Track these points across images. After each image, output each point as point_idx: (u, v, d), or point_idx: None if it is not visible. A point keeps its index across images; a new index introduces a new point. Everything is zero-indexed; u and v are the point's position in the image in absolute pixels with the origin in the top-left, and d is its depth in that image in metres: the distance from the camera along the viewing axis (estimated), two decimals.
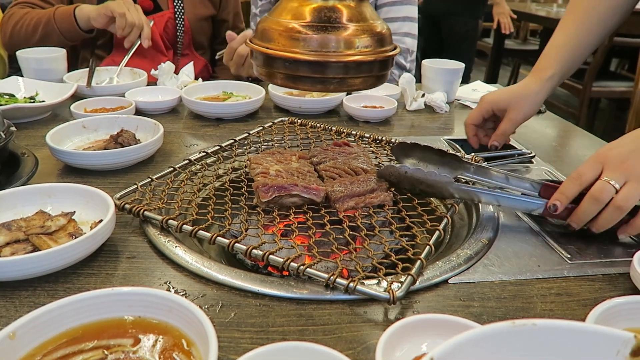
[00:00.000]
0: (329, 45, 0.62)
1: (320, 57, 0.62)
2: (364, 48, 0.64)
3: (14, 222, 0.66)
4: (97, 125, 1.02)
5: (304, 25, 0.62)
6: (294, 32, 0.62)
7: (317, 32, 0.62)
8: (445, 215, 0.73)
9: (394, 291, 0.55)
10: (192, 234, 0.66)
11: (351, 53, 0.63)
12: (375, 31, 0.65)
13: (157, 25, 1.60)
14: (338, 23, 0.63)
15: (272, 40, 0.64)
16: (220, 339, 0.50)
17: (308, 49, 0.62)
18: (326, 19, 0.62)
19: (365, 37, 0.64)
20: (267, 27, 0.65)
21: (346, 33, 0.63)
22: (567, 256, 0.68)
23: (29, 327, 0.44)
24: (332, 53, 0.62)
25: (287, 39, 0.63)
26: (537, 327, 0.36)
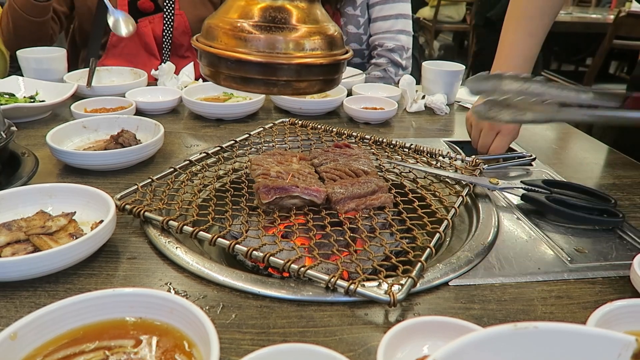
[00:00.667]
0: (275, 46, 0.59)
1: (265, 59, 0.59)
2: (312, 50, 0.61)
3: (15, 222, 0.66)
4: (98, 125, 1.02)
5: (251, 25, 0.60)
6: (240, 31, 0.60)
7: (263, 32, 0.59)
8: (446, 217, 0.73)
9: (394, 293, 0.55)
10: (192, 235, 0.66)
11: (299, 55, 0.60)
12: (326, 34, 0.62)
13: (158, 26, 1.60)
14: (287, 24, 0.60)
15: (216, 38, 0.62)
16: (221, 340, 0.50)
17: (253, 49, 0.59)
18: (273, 19, 0.60)
19: (315, 39, 0.61)
20: (212, 25, 0.63)
21: (295, 34, 0.60)
22: (568, 259, 0.68)
23: (30, 328, 0.44)
24: (279, 54, 0.60)
25: (232, 38, 0.60)
26: (538, 330, 0.36)
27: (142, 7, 1.58)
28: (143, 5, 1.57)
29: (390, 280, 0.58)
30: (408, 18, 1.69)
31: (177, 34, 1.63)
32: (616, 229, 0.77)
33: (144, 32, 1.59)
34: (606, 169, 1.01)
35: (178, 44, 1.65)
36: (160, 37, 1.62)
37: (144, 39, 1.59)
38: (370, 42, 1.77)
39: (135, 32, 1.51)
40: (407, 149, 1.01)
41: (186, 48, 1.67)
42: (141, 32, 1.58)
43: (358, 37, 1.77)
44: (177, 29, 1.63)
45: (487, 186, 0.84)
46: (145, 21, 1.59)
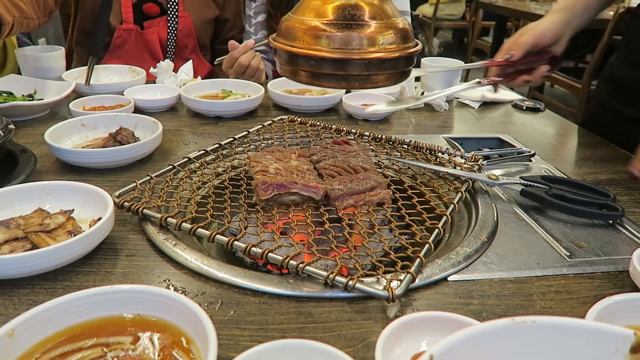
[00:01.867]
0: (352, 42, 0.63)
1: (344, 55, 0.63)
2: (387, 45, 0.64)
3: (13, 220, 0.66)
4: (96, 123, 1.02)
5: (327, 24, 0.63)
6: (318, 30, 0.63)
7: (340, 30, 0.63)
8: (445, 213, 0.73)
9: (393, 289, 0.55)
10: (191, 232, 0.66)
11: (374, 50, 0.64)
12: (398, 27, 0.66)
13: (162, 30, 1.59)
14: (361, 20, 0.63)
15: (296, 38, 0.65)
16: (220, 336, 0.50)
17: (332, 46, 0.63)
18: (349, 17, 0.63)
19: (388, 34, 0.64)
20: (290, 26, 0.66)
21: (369, 30, 0.63)
22: (567, 254, 0.68)
23: (28, 325, 0.44)
24: (356, 50, 0.63)
25: (311, 37, 0.64)
26: (536, 324, 0.36)
27: (147, 11, 1.57)
28: (149, 9, 1.57)
29: (389, 276, 0.58)
30: (407, 15, 1.68)
31: (182, 36, 1.62)
32: (615, 223, 0.77)
33: (150, 39, 1.57)
34: (605, 165, 1.00)
35: (182, 45, 1.64)
36: (165, 41, 1.61)
37: (149, 44, 1.58)
38: None
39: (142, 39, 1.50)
40: (406, 145, 1.00)
41: (190, 50, 1.66)
42: (147, 38, 1.57)
43: None
44: (182, 32, 1.61)
45: (487, 182, 0.84)
46: (152, 27, 1.57)
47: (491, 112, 1.35)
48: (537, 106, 1.36)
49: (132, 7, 1.55)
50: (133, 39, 1.57)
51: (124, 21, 1.55)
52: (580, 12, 0.99)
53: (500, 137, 1.14)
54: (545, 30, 0.93)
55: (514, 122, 1.27)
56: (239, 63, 1.39)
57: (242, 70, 1.40)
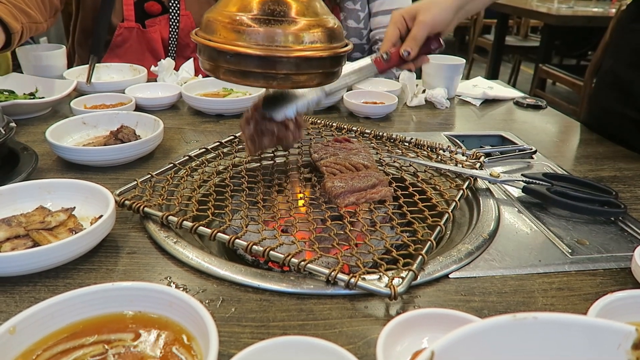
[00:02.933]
0: (274, 39, 0.59)
1: (264, 52, 0.59)
2: (312, 43, 0.61)
3: (14, 218, 0.66)
4: (97, 121, 1.02)
5: (250, 18, 0.59)
6: (239, 24, 0.59)
7: (262, 25, 0.59)
8: (447, 210, 0.73)
9: (395, 287, 0.55)
10: (192, 230, 0.66)
11: (299, 48, 0.60)
12: (326, 26, 0.62)
13: (164, 28, 1.59)
14: (286, 17, 0.59)
15: (215, 32, 0.61)
16: (221, 333, 0.50)
17: (252, 42, 0.59)
18: (272, 12, 0.59)
19: (315, 32, 0.61)
20: (211, 19, 0.62)
21: (294, 27, 0.59)
22: (569, 251, 0.68)
23: (30, 322, 0.44)
24: (278, 47, 0.59)
25: (232, 31, 0.60)
26: (538, 320, 0.36)
27: (149, 9, 1.57)
28: (150, 7, 1.56)
29: (391, 274, 0.58)
30: None
31: (183, 35, 1.62)
32: (617, 220, 0.76)
33: (152, 38, 1.57)
34: (607, 162, 1.00)
35: (184, 44, 1.64)
36: (166, 39, 1.60)
37: (151, 43, 1.58)
38: (371, 36, 1.77)
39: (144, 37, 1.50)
40: (407, 143, 1.00)
41: (192, 49, 1.65)
42: (149, 37, 1.57)
43: (358, 32, 1.76)
44: (184, 30, 1.61)
45: (488, 179, 0.84)
46: (154, 25, 1.57)
47: (492, 109, 1.35)
48: (539, 103, 1.36)
49: (134, 5, 1.54)
50: (134, 37, 1.57)
51: (125, 19, 1.55)
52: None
53: (502, 134, 1.14)
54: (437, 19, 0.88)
55: (516, 120, 1.27)
56: None
57: None
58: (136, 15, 1.55)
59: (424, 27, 0.86)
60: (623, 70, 1.10)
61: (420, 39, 0.86)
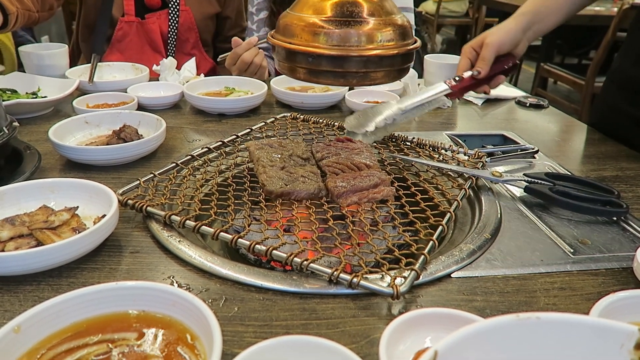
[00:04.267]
0: (350, 39, 0.63)
1: (342, 52, 0.63)
2: (385, 42, 0.64)
3: (18, 217, 0.67)
4: (100, 120, 1.02)
5: (326, 20, 0.63)
6: (316, 27, 0.63)
7: (338, 27, 0.62)
8: (449, 210, 0.73)
9: (397, 286, 0.55)
10: (195, 230, 0.66)
11: (373, 47, 0.63)
12: (397, 24, 0.65)
13: (164, 22, 1.59)
14: (359, 17, 0.63)
15: (294, 35, 0.65)
16: (224, 332, 0.50)
17: (330, 43, 0.63)
18: (348, 14, 0.63)
19: (387, 31, 0.64)
20: (289, 22, 0.66)
21: (368, 27, 0.63)
22: (571, 251, 0.68)
23: (34, 321, 0.44)
24: (354, 47, 0.63)
25: (309, 34, 0.63)
26: (541, 320, 0.36)
27: (149, 3, 1.57)
28: (150, 1, 1.57)
29: (393, 273, 0.58)
30: (411, 12, 1.68)
31: (183, 30, 1.62)
32: (619, 220, 0.76)
33: (150, 29, 1.58)
34: (609, 162, 1.00)
35: (183, 40, 1.64)
36: (166, 33, 1.61)
37: (150, 35, 1.59)
38: None
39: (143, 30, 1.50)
40: (409, 142, 1.00)
41: (192, 45, 1.66)
42: (149, 28, 1.58)
43: None
44: (183, 25, 1.62)
45: (490, 179, 0.84)
46: (152, 18, 1.58)
47: (494, 109, 1.35)
48: (541, 103, 1.36)
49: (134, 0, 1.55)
50: (134, 31, 1.57)
51: (125, 14, 1.55)
52: (543, 17, 1.00)
53: (504, 134, 1.13)
54: (503, 40, 0.95)
55: (518, 119, 1.26)
56: (242, 60, 1.39)
57: (245, 67, 1.40)
58: (136, 10, 1.56)
59: (491, 48, 0.93)
60: (632, 69, 1.10)
61: (488, 58, 0.93)
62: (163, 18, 1.59)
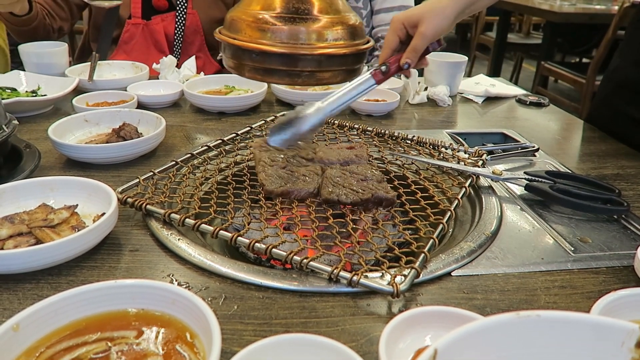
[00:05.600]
0: (298, 37, 0.60)
1: (289, 49, 0.60)
2: (335, 41, 0.61)
3: (17, 215, 0.66)
4: (99, 118, 1.02)
5: (274, 16, 0.60)
6: (263, 22, 0.60)
7: (286, 24, 0.59)
8: (449, 208, 0.73)
9: (397, 284, 0.55)
10: (194, 228, 0.66)
11: (322, 46, 0.60)
12: (348, 24, 0.63)
13: (170, 24, 1.59)
14: (309, 14, 0.60)
15: (240, 31, 0.62)
16: (224, 331, 0.49)
17: (277, 40, 0.60)
18: (296, 10, 0.60)
19: (337, 30, 0.61)
20: (235, 18, 0.63)
21: (317, 25, 0.60)
22: (571, 249, 0.68)
23: (33, 319, 0.44)
24: (300, 45, 0.60)
25: (256, 30, 0.60)
26: (541, 318, 0.36)
27: (156, 4, 1.57)
28: (157, 2, 1.57)
29: (393, 271, 0.58)
30: None
31: (189, 32, 1.62)
32: (620, 218, 0.76)
33: (155, 29, 1.57)
34: (610, 160, 1.00)
35: (189, 42, 1.64)
36: (172, 36, 1.60)
37: (155, 36, 1.58)
38: (373, 34, 1.76)
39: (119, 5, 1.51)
40: (409, 141, 1.00)
41: (197, 48, 1.65)
42: (153, 29, 1.57)
43: None
44: (189, 28, 1.61)
45: (491, 177, 0.84)
46: (157, 19, 1.57)
47: (495, 107, 1.35)
48: (541, 101, 1.36)
49: (142, 2, 1.55)
50: (140, 33, 1.57)
51: (132, 16, 1.55)
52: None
53: (504, 132, 1.13)
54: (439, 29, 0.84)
55: (518, 117, 1.26)
56: None
57: None
58: (143, 12, 1.56)
59: (425, 39, 0.84)
60: (630, 69, 1.10)
61: (420, 50, 0.84)
62: (169, 20, 1.59)
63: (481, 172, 0.84)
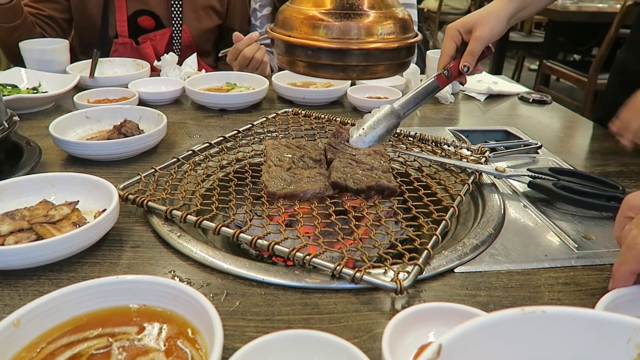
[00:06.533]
0: (350, 32, 0.62)
1: (341, 45, 0.62)
2: (386, 35, 0.63)
3: (18, 212, 0.66)
4: (100, 115, 1.02)
5: (325, 13, 0.62)
6: (316, 19, 0.62)
7: (338, 20, 0.61)
8: (452, 205, 0.72)
9: (401, 281, 0.55)
10: (196, 225, 0.66)
11: (373, 40, 0.62)
12: (397, 17, 0.64)
13: (160, 43, 1.58)
14: (359, 10, 0.62)
15: (293, 28, 0.64)
16: (225, 327, 0.49)
17: (330, 36, 0.62)
18: (348, 6, 0.62)
19: (387, 24, 0.63)
20: (288, 16, 0.65)
21: (368, 20, 0.62)
22: (575, 246, 0.68)
23: (33, 315, 0.44)
24: (354, 40, 0.62)
25: (309, 26, 0.62)
26: (546, 314, 0.35)
27: (142, 24, 1.55)
28: (143, 22, 1.55)
29: (397, 268, 0.58)
30: (414, 7, 1.67)
31: (183, 48, 1.60)
32: None
33: (146, 53, 1.56)
34: (613, 157, 0.99)
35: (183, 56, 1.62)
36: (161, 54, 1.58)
37: (146, 59, 1.55)
38: None
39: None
40: (411, 138, 1.00)
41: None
42: (143, 52, 1.55)
43: None
44: (183, 44, 1.60)
45: (494, 174, 0.83)
46: (145, 39, 1.56)
47: (497, 104, 1.34)
48: (544, 99, 1.35)
49: (127, 21, 1.53)
50: (129, 52, 1.56)
51: (119, 35, 1.54)
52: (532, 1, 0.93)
53: (507, 129, 1.13)
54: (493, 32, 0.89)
55: (520, 115, 1.26)
56: (243, 55, 1.38)
57: (246, 62, 1.39)
58: (130, 31, 1.54)
59: (481, 42, 0.88)
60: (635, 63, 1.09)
61: (477, 53, 0.88)
62: (158, 39, 1.56)
63: (484, 169, 0.84)
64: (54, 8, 1.54)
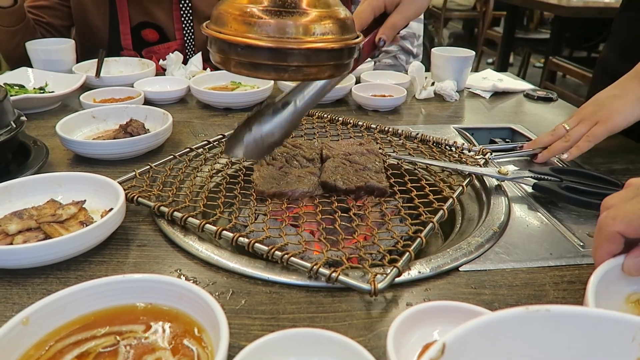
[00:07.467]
0: (285, 30, 0.58)
1: (275, 44, 0.58)
2: (323, 35, 0.60)
3: (26, 211, 0.67)
4: (107, 115, 1.02)
5: (261, 10, 0.58)
6: (249, 16, 0.58)
7: (273, 17, 0.58)
8: (442, 207, 0.71)
9: (376, 283, 0.54)
10: (199, 228, 0.65)
11: (310, 40, 0.59)
12: (337, 17, 0.61)
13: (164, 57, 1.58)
14: (297, 8, 0.59)
15: (226, 24, 0.60)
16: (231, 325, 0.49)
17: (263, 34, 0.58)
18: (283, 3, 0.59)
19: (326, 24, 0.60)
20: (222, 11, 0.61)
21: (305, 18, 0.59)
22: (580, 244, 0.68)
23: (42, 313, 0.45)
24: (289, 39, 0.58)
25: (242, 23, 0.59)
26: (551, 312, 0.35)
27: (146, 37, 1.56)
28: (147, 35, 1.55)
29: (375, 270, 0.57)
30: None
31: None
32: None
33: None
34: (619, 154, 0.99)
35: None
36: None
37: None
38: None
39: None
40: (412, 139, 0.99)
41: None
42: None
43: None
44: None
45: (496, 177, 0.82)
46: (150, 55, 1.55)
47: (502, 102, 1.34)
48: (550, 96, 1.35)
49: (131, 33, 1.54)
50: None
51: (124, 48, 1.54)
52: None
53: (512, 127, 1.13)
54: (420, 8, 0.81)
55: (526, 112, 1.25)
56: None
57: None
58: (134, 44, 1.55)
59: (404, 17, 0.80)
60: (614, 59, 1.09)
61: (400, 27, 0.80)
62: (162, 53, 1.55)
63: (487, 172, 0.83)
64: (53, 15, 1.55)
